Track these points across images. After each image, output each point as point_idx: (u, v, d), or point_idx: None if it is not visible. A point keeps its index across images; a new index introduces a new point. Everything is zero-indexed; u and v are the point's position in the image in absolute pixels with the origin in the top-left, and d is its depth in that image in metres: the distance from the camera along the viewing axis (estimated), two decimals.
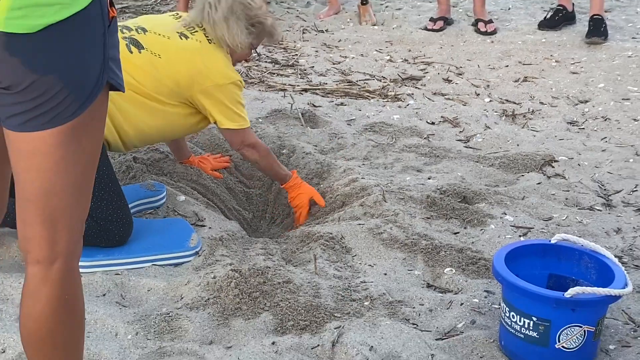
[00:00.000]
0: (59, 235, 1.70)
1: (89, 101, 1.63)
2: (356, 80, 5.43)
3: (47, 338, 1.74)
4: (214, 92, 3.24)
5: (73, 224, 1.73)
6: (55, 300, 1.72)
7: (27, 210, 1.69)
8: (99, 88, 1.65)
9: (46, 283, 1.72)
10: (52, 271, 1.71)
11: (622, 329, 2.67)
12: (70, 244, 1.73)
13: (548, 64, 5.89)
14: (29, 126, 1.61)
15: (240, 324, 2.62)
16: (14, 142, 1.64)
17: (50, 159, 1.63)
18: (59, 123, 1.61)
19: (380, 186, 3.60)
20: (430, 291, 2.90)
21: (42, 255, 1.71)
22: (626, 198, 3.70)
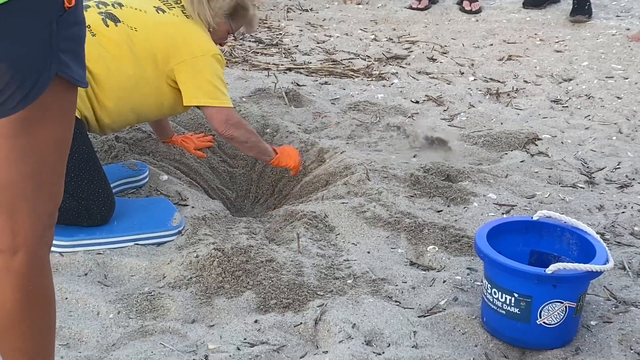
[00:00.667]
0: (19, 226, 1.65)
1: (33, 94, 1.56)
2: (340, 59, 5.42)
3: (10, 327, 1.71)
4: (193, 65, 3.14)
5: (36, 214, 1.67)
6: (18, 290, 1.69)
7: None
8: (45, 81, 1.57)
9: (9, 273, 1.68)
10: (15, 261, 1.67)
11: (603, 305, 2.68)
12: (34, 234, 1.68)
13: (532, 42, 5.89)
14: None
15: (223, 302, 2.62)
16: None
17: (1, 150, 1.59)
18: (3, 114, 1.56)
19: (364, 165, 3.60)
20: (413, 269, 2.90)
21: (3, 244, 1.67)
22: (609, 175, 3.71)
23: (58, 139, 1.66)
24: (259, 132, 4.03)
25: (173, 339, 2.44)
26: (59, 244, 2.86)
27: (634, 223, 3.24)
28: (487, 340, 2.50)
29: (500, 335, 2.49)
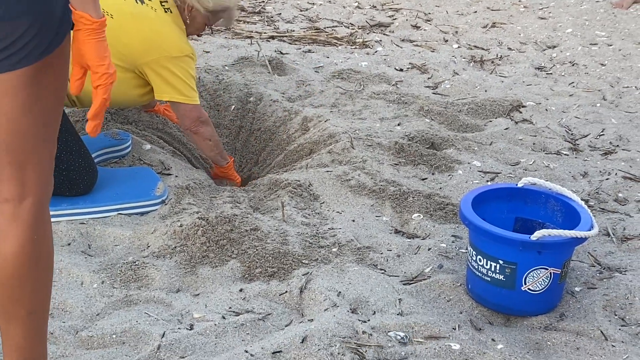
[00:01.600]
0: (28, 175, 1.70)
1: (53, 45, 1.62)
2: (324, 27, 5.38)
3: (14, 277, 1.73)
4: (165, 63, 3.11)
5: (42, 163, 1.72)
6: (24, 239, 1.71)
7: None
8: (63, 34, 1.63)
9: (15, 221, 1.71)
10: (22, 209, 1.71)
11: (587, 271, 2.69)
12: (40, 183, 1.72)
13: (516, 9, 5.88)
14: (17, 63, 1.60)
15: (208, 271, 2.61)
16: None
17: (17, 99, 1.62)
18: (29, 63, 1.60)
19: (348, 133, 3.58)
20: (398, 237, 2.90)
21: (11, 194, 1.70)
22: (593, 142, 3.71)
23: (62, 87, 1.70)
24: (242, 101, 4.01)
25: (158, 308, 2.43)
26: None
27: (618, 189, 3.25)
28: (472, 307, 2.51)
29: (485, 302, 2.50)
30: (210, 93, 4.06)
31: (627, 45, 5.07)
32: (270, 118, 3.90)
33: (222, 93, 4.08)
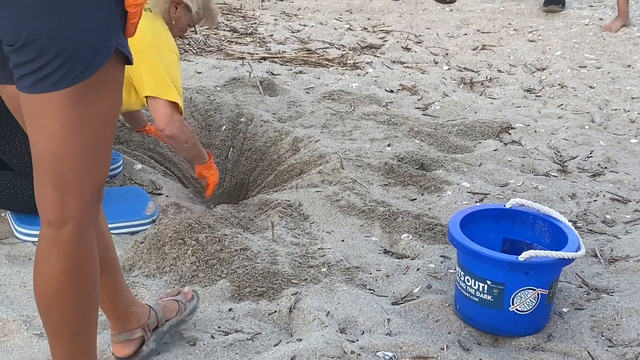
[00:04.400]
0: (69, 198, 1.69)
1: (93, 65, 1.61)
2: (315, 48, 5.41)
3: (56, 299, 1.75)
4: (150, 56, 3.06)
5: (85, 188, 1.71)
6: (65, 263, 1.72)
7: (38, 171, 1.69)
8: (106, 53, 1.63)
9: (56, 245, 1.71)
10: (62, 234, 1.70)
11: (575, 292, 2.70)
12: (82, 208, 1.71)
13: (506, 32, 5.92)
14: (37, 87, 1.60)
15: (198, 291, 2.61)
16: (25, 103, 1.64)
17: (58, 121, 1.62)
18: (65, 85, 1.60)
19: (338, 154, 3.60)
20: (387, 257, 2.91)
21: (52, 217, 1.70)
22: (581, 164, 3.74)
23: (110, 113, 1.70)
24: (233, 121, 4.02)
25: None
26: (33, 234, 2.85)
27: (606, 211, 3.27)
28: (461, 327, 2.52)
29: (474, 322, 2.51)
30: (202, 113, 4.08)
31: (616, 68, 5.12)
32: (261, 138, 3.92)
33: (214, 113, 4.10)
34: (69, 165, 1.66)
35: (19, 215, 2.91)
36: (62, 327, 1.79)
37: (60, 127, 1.63)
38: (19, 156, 2.86)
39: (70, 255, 1.72)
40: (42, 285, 1.74)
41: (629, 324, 2.51)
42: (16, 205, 2.89)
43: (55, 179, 1.67)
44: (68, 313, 1.77)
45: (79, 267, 1.74)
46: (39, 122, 1.64)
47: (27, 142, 2.85)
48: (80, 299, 1.78)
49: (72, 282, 1.74)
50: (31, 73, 1.59)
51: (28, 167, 2.87)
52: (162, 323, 2.28)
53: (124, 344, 2.19)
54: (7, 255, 2.78)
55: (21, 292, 2.58)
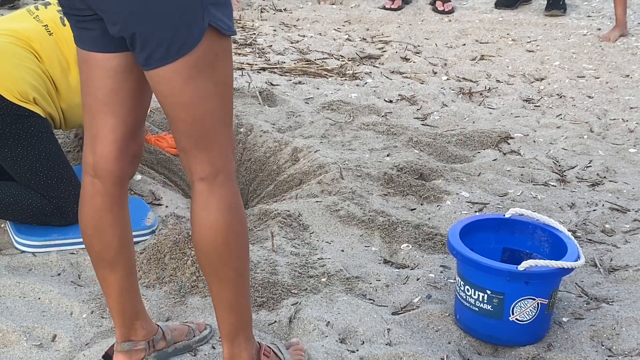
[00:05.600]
0: (214, 155, 1.90)
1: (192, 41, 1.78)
2: (314, 59, 5.42)
3: (223, 245, 1.94)
4: None
5: (224, 143, 1.92)
6: (224, 207, 1.93)
7: (182, 140, 1.90)
8: (200, 31, 1.79)
9: (213, 195, 1.92)
10: (216, 185, 1.92)
11: (575, 302, 2.71)
12: (225, 160, 1.93)
13: (504, 42, 5.94)
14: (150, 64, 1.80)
15: (197, 301, 2.62)
16: (155, 82, 1.84)
17: (186, 92, 1.82)
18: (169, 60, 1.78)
19: (337, 164, 3.61)
20: (387, 267, 2.91)
21: (204, 173, 1.91)
22: (580, 174, 3.74)
23: (229, 80, 1.91)
24: None
25: None
26: (32, 244, 2.85)
27: (605, 220, 3.28)
28: (461, 337, 2.52)
29: (473, 332, 2.51)
30: None
31: (614, 78, 5.13)
32: (260, 149, 3.92)
33: None
34: (207, 127, 1.87)
35: (19, 226, 2.91)
36: (227, 270, 1.98)
37: (190, 98, 1.83)
38: (20, 165, 2.87)
39: (226, 202, 1.93)
40: (206, 233, 1.93)
41: (628, 333, 2.51)
42: (16, 215, 2.89)
43: (197, 141, 1.88)
44: (231, 255, 1.97)
45: (235, 213, 1.95)
46: (171, 99, 1.84)
47: (27, 151, 2.86)
48: (238, 241, 1.97)
49: (231, 226, 1.94)
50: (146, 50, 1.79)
51: (28, 175, 2.87)
52: (169, 344, 2.30)
53: (126, 353, 2.20)
54: (6, 266, 2.78)
55: (21, 303, 2.58)
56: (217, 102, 1.87)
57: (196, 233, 1.96)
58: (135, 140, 2.04)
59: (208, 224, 1.93)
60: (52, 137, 2.94)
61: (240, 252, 1.99)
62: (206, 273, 2.01)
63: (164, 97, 1.85)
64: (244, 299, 2.06)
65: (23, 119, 2.85)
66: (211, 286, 2.02)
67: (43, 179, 2.88)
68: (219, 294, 2.02)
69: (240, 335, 2.08)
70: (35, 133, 2.87)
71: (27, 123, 2.86)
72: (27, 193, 2.88)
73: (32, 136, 2.86)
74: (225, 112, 1.90)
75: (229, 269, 1.98)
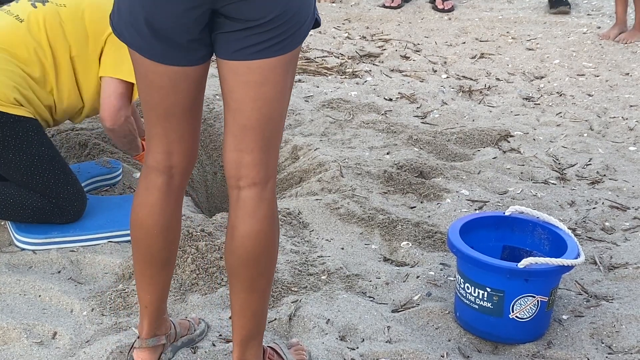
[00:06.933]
0: (271, 158, 1.89)
1: (305, 33, 1.81)
2: (314, 57, 5.42)
3: (263, 253, 1.92)
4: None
5: (278, 147, 1.92)
6: (270, 217, 1.91)
7: (246, 137, 1.85)
8: (311, 22, 1.82)
9: (263, 202, 1.89)
10: (267, 191, 1.90)
11: (575, 299, 2.71)
12: (276, 165, 1.93)
13: (504, 40, 5.94)
14: (263, 54, 1.77)
15: (197, 299, 2.62)
16: (243, 74, 1.79)
17: (277, 86, 1.81)
18: (286, 51, 1.78)
19: (337, 162, 3.61)
20: (387, 265, 2.91)
21: (258, 177, 1.88)
22: (580, 172, 3.75)
23: (293, 77, 1.88)
24: None
25: None
26: (32, 242, 2.85)
27: (605, 218, 3.28)
28: (460, 334, 2.52)
29: (473, 330, 2.51)
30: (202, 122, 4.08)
31: (614, 76, 5.13)
32: None
33: (214, 122, 4.11)
34: (275, 127, 1.86)
35: (19, 223, 2.91)
36: (260, 279, 1.96)
37: (277, 92, 1.81)
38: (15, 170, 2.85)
39: (273, 210, 1.92)
40: (250, 242, 1.89)
41: (628, 331, 2.51)
42: (16, 215, 2.88)
43: (263, 141, 1.85)
44: (267, 264, 1.95)
45: (276, 221, 1.94)
46: (262, 90, 1.80)
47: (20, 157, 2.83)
48: (275, 250, 1.96)
49: (273, 234, 1.93)
50: (261, 42, 1.76)
51: (25, 180, 2.86)
52: (178, 338, 2.32)
53: (151, 350, 2.21)
54: (6, 263, 2.78)
55: (21, 301, 2.59)
56: (286, 104, 1.86)
57: (237, 241, 1.91)
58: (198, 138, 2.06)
59: (253, 233, 1.89)
60: (43, 138, 2.88)
61: (274, 262, 1.99)
62: (238, 282, 1.96)
63: (253, 88, 1.81)
64: (266, 307, 2.06)
65: (9, 125, 2.79)
66: (239, 294, 1.98)
67: (40, 182, 2.86)
68: (246, 302, 1.99)
69: (254, 341, 2.08)
70: (25, 138, 2.83)
71: (14, 129, 2.80)
72: (27, 193, 2.87)
73: (22, 141, 2.82)
74: (287, 107, 1.90)
75: (262, 279, 1.97)
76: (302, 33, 1.81)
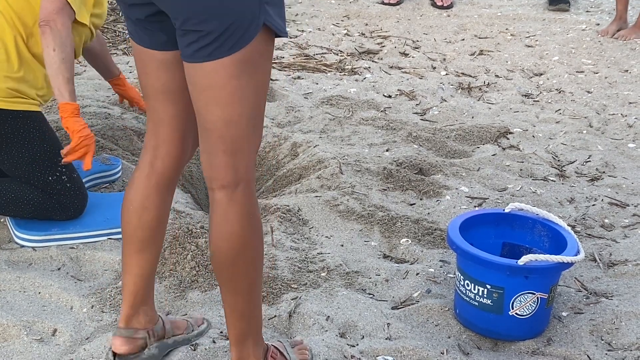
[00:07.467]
0: (240, 161, 1.89)
1: (247, 37, 1.79)
2: (313, 54, 5.42)
3: (239, 255, 1.94)
4: None
5: (250, 150, 1.90)
6: (241, 219, 1.91)
7: (210, 139, 1.88)
8: (256, 28, 1.79)
9: (233, 204, 1.91)
10: (237, 194, 1.90)
11: (574, 296, 2.71)
12: (249, 168, 1.92)
13: (503, 37, 5.93)
14: (196, 57, 1.80)
15: (197, 295, 2.62)
16: (193, 77, 1.84)
17: (227, 89, 1.81)
18: (220, 55, 1.78)
19: (337, 159, 3.61)
20: (387, 261, 2.91)
21: (226, 180, 1.89)
22: (579, 169, 3.75)
23: (267, 82, 1.89)
24: None
25: None
26: (32, 239, 2.85)
27: (604, 215, 3.28)
28: (460, 331, 2.52)
29: (473, 327, 2.52)
30: None
31: (613, 73, 5.13)
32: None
33: None
34: (238, 130, 1.86)
35: (18, 220, 2.91)
36: (241, 280, 1.98)
37: (230, 95, 1.82)
38: (17, 166, 2.85)
39: (246, 213, 1.92)
40: (224, 244, 1.93)
41: (628, 327, 2.51)
42: (17, 211, 2.88)
43: (226, 144, 1.86)
44: (247, 266, 1.96)
45: (253, 223, 1.94)
46: (209, 93, 1.83)
47: (22, 153, 2.83)
48: (254, 252, 1.97)
49: (248, 236, 1.93)
50: (193, 43, 1.79)
51: (26, 176, 2.86)
52: (169, 336, 2.32)
53: (125, 339, 2.23)
54: (6, 260, 2.78)
55: (21, 298, 2.59)
56: (252, 105, 1.85)
57: (213, 243, 1.95)
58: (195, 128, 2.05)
59: (226, 235, 1.92)
60: (45, 134, 2.89)
61: (256, 263, 1.99)
62: (221, 283, 2.01)
63: (201, 92, 1.84)
64: (256, 307, 2.06)
65: (9, 122, 2.80)
66: (225, 295, 2.02)
67: (41, 178, 2.87)
68: (232, 302, 2.03)
69: (249, 340, 2.08)
70: (26, 134, 2.83)
71: (15, 125, 2.82)
72: (28, 189, 2.87)
73: (24, 138, 2.83)
74: (258, 116, 1.89)
75: (243, 280, 1.99)
76: (238, 38, 1.78)
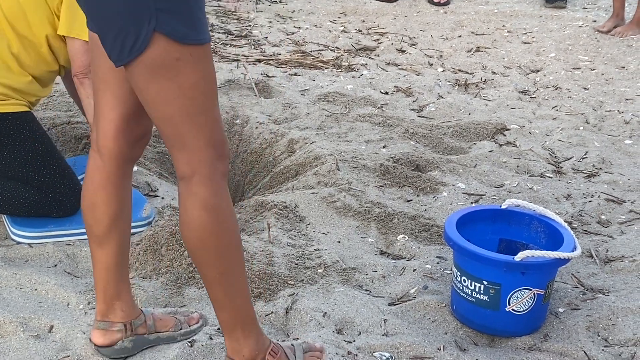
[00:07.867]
0: (190, 156, 1.90)
1: (138, 46, 1.78)
2: (310, 50, 5.42)
3: (197, 243, 1.95)
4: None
5: (201, 144, 1.89)
6: (199, 210, 1.92)
7: (162, 135, 1.92)
8: (147, 35, 1.77)
9: (189, 196, 1.93)
10: (192, 185, 1.92)
11: (571, 292, 2.71)
12: (201, 161, 1.90)
13: (500, 34, 5.94)
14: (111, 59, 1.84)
15: (194, 292, 2.62)
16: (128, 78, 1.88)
17: (149, 92, 1.84)
18: (123, 61, 1.81)
19: (333, 155, 3.61)
20: (384, 258, 2.92)
21: (181, 172, 1.93)
22: (576, 165, 3.75)
23: (195, 84, 1.85)
24: (228, 123, 4.03)
25: None
26: (28, 235, 2.85)
27: (601, 211, 3.28)
28: (457, 327, 2.52)
29: (470, 323, 2.52)
30: None
31: (610, 70, 5.13)
32: (256, 140, 3.92)
33: None
34: (175, 128, 1.88)
35: (15, 217, 2.91)
36: (211, 269, 1.99)
37: (154, 97, 1.84)
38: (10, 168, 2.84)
39: (202, 203, 1.92)
40: (187, 232, 1.95)
41: (624, 323, 2.52)
42: (14, 210, 2.88)
43: (172, 141, 1.90)
44: (211, 256, 1.97)
45: (212, 213, 1.93)
46: (139, 94, 1.87)
47: (14, 154, 2.83)
48: (219, 242, 1.96)
49: (207, 226, 1.93)
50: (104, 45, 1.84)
51: (20, 176, 2.85)
52: (151, 332, 2.32)
53: (101, 331, 2.26)
54: (2, 257, 2.78)
55: (17, 294, 2.58)
56: (184, 104, 1.85)
57: (181, 233, 2.00)
58: (138, 122, 2.07)
59: (185, 224, 1.95)
60: (36, 133, 2.88)
61: (224, 252, 1.98)
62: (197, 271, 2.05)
63: (136, 92, 1.89)
64: (235, 297, 2.05)
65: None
66: (204, 284, 2.06)
67: (36, 177, 2.86)
68: (208, 292, 2.05)
69: (237, 331, 2.08)
70: (17, 136, 2.83)
71: (5, 127, 2.81)
72: (24, 188, 2.86)
73: (15, 139, 2.82)
74: (198, 113, 1.87)
75: (211, 269, 1.99)
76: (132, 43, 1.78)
